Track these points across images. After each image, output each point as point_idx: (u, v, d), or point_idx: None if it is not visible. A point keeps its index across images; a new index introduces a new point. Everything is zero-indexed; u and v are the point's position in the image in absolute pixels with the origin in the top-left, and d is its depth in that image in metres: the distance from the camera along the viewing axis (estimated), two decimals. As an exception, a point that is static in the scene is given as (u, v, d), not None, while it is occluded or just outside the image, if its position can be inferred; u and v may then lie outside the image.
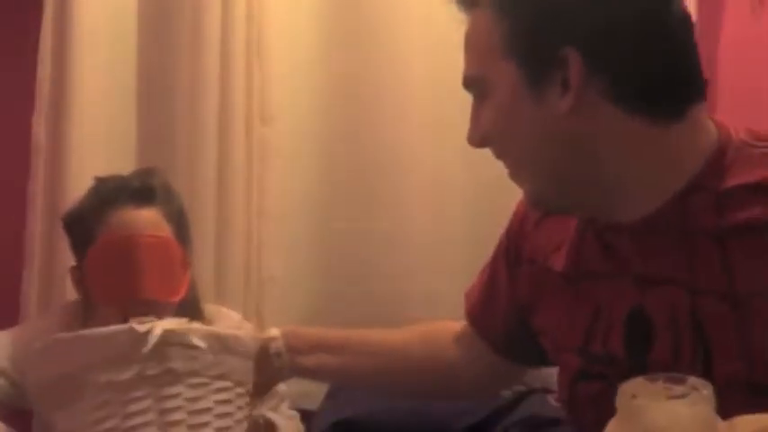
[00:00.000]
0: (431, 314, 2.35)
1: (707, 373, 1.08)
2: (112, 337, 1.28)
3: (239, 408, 1.34)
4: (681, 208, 1.15)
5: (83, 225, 1.78)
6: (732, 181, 1.14)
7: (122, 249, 1.71)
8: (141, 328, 1.28)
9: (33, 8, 2.33)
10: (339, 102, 2.43)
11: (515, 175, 1.25)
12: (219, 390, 1.31)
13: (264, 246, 2.37)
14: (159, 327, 1.28)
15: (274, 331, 1.46)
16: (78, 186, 2.24)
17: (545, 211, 1.32)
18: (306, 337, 1.49)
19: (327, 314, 2.36)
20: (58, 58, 2.29)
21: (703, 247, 1.14)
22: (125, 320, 1.51)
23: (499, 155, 1.25)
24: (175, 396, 1.27)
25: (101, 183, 1.83)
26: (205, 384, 1.29)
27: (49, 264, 2.24)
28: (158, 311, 1.60)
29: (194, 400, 1.28)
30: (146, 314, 1.52)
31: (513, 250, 1.39)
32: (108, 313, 1.69)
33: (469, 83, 1.25)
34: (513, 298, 1.39)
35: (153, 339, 1.26)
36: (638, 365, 1.15)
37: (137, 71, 2.39)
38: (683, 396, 0.89)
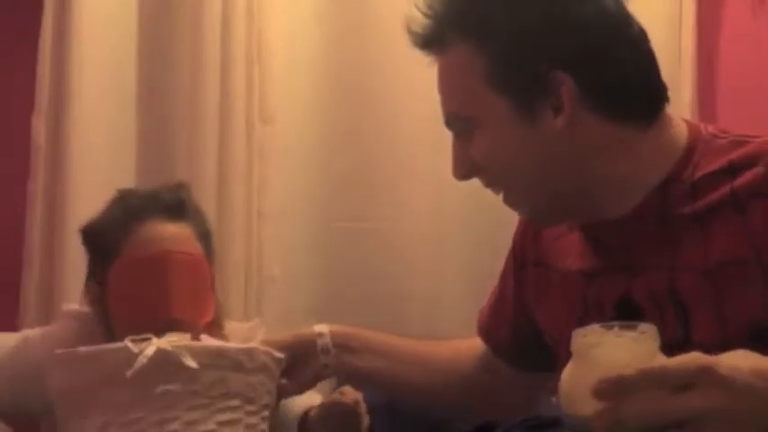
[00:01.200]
0: (431, 314, 2.35)
1: (686, 339, 1.17)
2: (107, 356, 1.24)
3: (249, 426, 1.29)
4: (660, 199, 1.23)
5: (107, 238, 1.63)
6: (703, 170, 1.23)
7: (153, 265, 1.57)
8: (135, 347, 1.23)
9: (33, 8, 2.33)
10: (339, 101, 2.43)
11: (512, 199, 1.30)
12: (224, 410, 1.26)
13: (264, 246, 2.37)
14: (152, 347, 1.22)
15: (322, 328, 1.45)
16: (78, 186, 2.25)
17: (544, 228, 1.36)
18: (358, 337, 1.48)
19: (327, 314, 2.35)
20: (58, 58, 2.28)
21: (683, 231, 1.21)
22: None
23: (491, 183, 1.29)
24: (173, 419, 1.22)
25: (127, 194, 1.71)
26: (206, 406, 1.24)
27: (49, 264, 2.24)
28: (186, 333, 1.51)
29: (193, 423, 1.23)
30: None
31: (520, 256, 1.43)
32: (132, 332, 1.55)
33: (453, 120, 1.28)
34: (521, 303, 1.44)
35: (141, 361, 1.21)
36: None
37: (137, 71, 2.39)
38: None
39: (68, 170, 2.26)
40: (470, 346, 1.54)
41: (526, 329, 1.42)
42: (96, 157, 2.29)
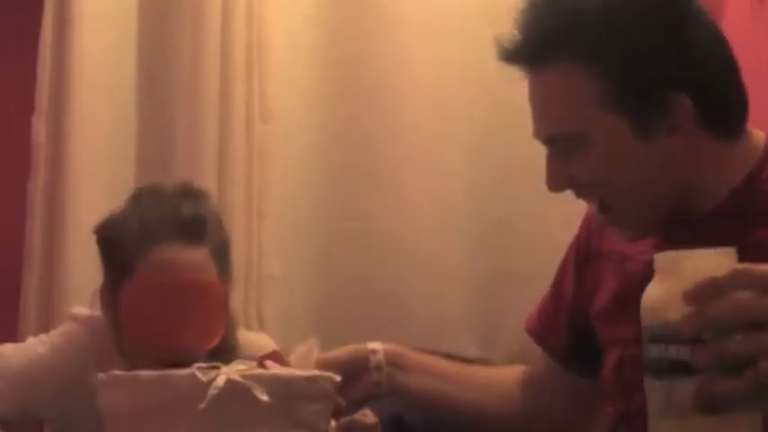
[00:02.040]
0: (431, 314, 2.35)
1: None
2: (173, 383, 1.23)
3: None
4: (743, 197, 1.27)
5: (122, 252, 1.62)
6: None
7: (164, 292, 1.58)
8: (203, 376, 1.21)
9: (33, 7, 2.33)
10: (339, 101, 2.43)
11: (619, 214, 1.30)
12: None
13: (264, 246, 2.37)
14: (222, 377, 1.21)
15: (375, 345, 1.45)
16: (78, 186, 2.26)
17: (646, 238, 1.35)
18: (409, 356, 1.47)
19: (327, 314, 2.36)
20: (58, 58, 2.29)
21: (762, 225, 1.25)
22: (157, 361, 1.47)
23: (589, 196, 1.31)
24: None
25: (146, 200, 1.66)
26: None
27: (49, 264, 2.24)
28: (193, 356, 1.52)
29: None
30: (180, 358, 1.45)
31: (585, 249, 1.45)
32: (141, 351, 1.59)
33: (557, 140, 1.28)
34: (581, 298, 1.44)
35: (212, 393, 1.20)
36: None
37: (137, 71, 2.39)
38: None
39: (68, 170, 2.26)
40: (520, 369, 1.54)
41: (582, 326, 1.43)
42: (96, 157, 2.29)
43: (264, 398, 1.21)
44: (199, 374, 1.21)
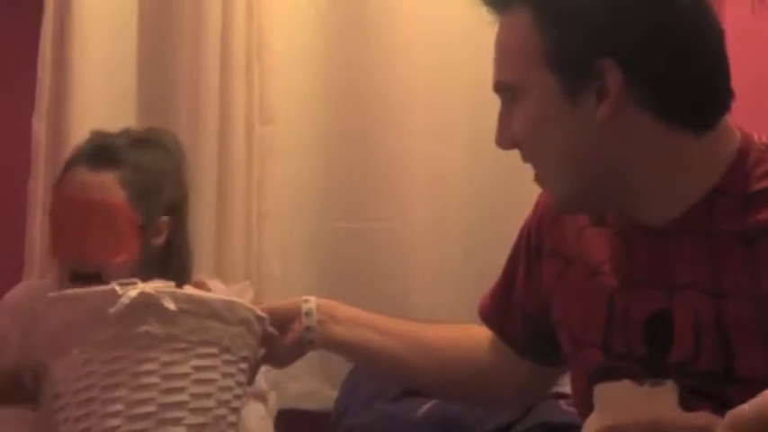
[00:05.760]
0: (431, 313, 2.35)
1: (728, 373, 1.13)
2: (93, 297, 1.30)
3: (226, 374, 1.32)
4: (706, 212, 1.18)
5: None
6: (757, 185, 1.17)
7: (66, 209, 1.84)
8: (120, 289, 1.27)
9: (33, 8, 2.33)
10: (339, 101, 2.43)
11: (544, 178, 1.27)
12: (201, 355, 1.29)
13: (264, 246, 2.37)
14: (136, 290, 1.27)
15: (310, 297, 1.46)
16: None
17: (571, 213, 1.31)
18: (346, 309, 1.48)
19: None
20: (58, 58, 2.29)
21: (729, 250, 1.16)
22: (70, 275, 1.81)
23: (527, 158, 1.26)
24: (151, 360, 1.27)
25: (87, 139, 1.92)
26: (184, 350, 1.28)
27: (50, 264, 2.24)
28: (102, 270, 1.78)
29: (170, 364, 1.27)
30: (86, 271, 1.79)
31: (535, 243, 1.39)
32: (57, 263, 1.91)
33: (501, 88, 1.26)
34: (533, 292, 1.39)
35: (124, 301, 1.26)
36: (658, 364, 1.18)
37: (137, 71, 2.39)
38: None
39: (68, 170, 2.26)
40: (474, 332, 1.50)
41: (535, 318, 1.39)
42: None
43: (172, 306, 1.26)
44: (117, 288, 1.28)
